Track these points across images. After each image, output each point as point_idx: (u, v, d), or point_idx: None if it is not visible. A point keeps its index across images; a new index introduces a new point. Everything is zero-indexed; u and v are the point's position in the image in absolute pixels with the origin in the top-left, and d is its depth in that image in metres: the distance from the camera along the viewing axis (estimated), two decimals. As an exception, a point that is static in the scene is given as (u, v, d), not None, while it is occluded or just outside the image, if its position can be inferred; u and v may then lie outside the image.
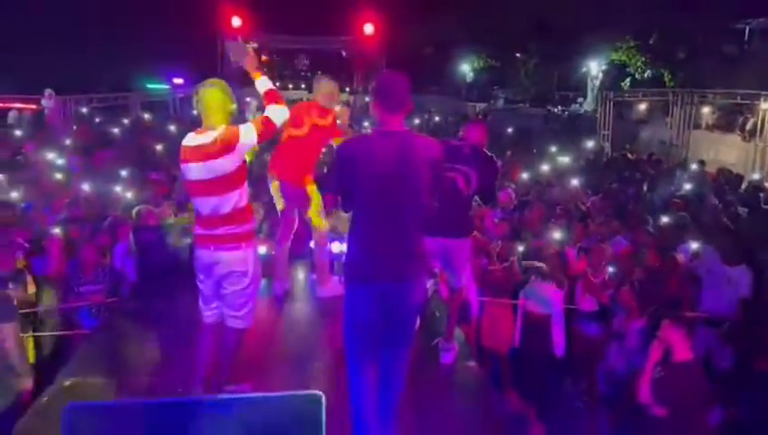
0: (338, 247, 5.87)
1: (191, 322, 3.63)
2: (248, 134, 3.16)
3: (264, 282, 5.16)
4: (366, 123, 17.26)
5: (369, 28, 16.72)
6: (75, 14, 21.34)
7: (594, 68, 24.63)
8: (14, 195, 7.25)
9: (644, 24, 22.38)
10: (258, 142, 3.24)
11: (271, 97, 3.33)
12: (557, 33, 25.57)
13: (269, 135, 3.28)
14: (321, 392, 1.31)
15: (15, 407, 3.75)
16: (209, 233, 3.23)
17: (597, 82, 24.33)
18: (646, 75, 23.51)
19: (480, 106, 24.84)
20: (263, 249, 5.50)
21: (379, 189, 2.68)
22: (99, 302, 5.22)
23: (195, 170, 3.17)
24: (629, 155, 14.62)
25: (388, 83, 2.80)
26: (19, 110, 14.14)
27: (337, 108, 4.80)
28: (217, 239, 3.22)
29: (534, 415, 4.68)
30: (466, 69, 30.41)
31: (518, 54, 28.77)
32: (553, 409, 4.86)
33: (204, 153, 3.13)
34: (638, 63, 23.61)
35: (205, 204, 3.22)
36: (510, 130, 18.15)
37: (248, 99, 18.29)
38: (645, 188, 10.25)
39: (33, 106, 14.05)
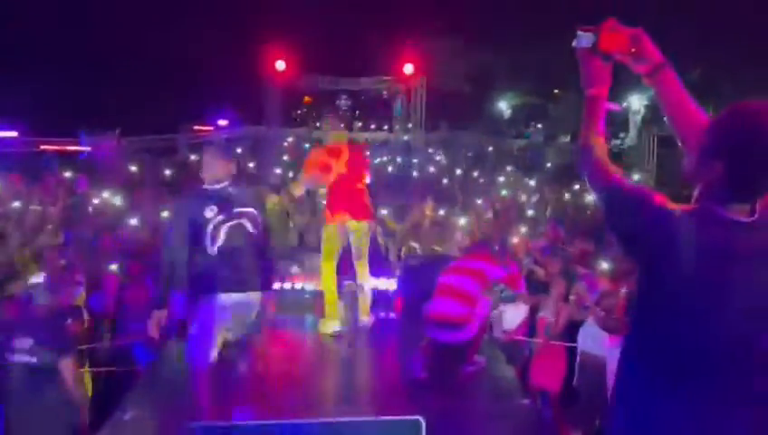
0: (383, 284, 5.92)
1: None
2: None
3: (311, 319, 5.26)
4: (399, 159, 17.37)
5: (409, 68, 17.03)
6: (130, 60, 22.34)
7: (635, 102, 24.38)
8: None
9: (687, 59, 22.10)
10: None
11: None
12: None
13: None
14: (420, 418, 1.30)
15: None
16: None
17: (639, 117, 24.04)
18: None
19: (518, 142, 24.82)
20: (311, 285, 5.58)
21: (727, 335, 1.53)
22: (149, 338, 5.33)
23: None
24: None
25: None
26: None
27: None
28: None
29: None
30: (503, 106, 30.52)
31: (556, 90, 28.77)
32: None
33: None
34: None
35: None
36: (549, 165, 18.09)
37: (290, 139, 18.72)
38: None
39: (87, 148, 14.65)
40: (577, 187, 14.41)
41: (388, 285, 5.86)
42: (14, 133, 15.32)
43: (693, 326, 1.53)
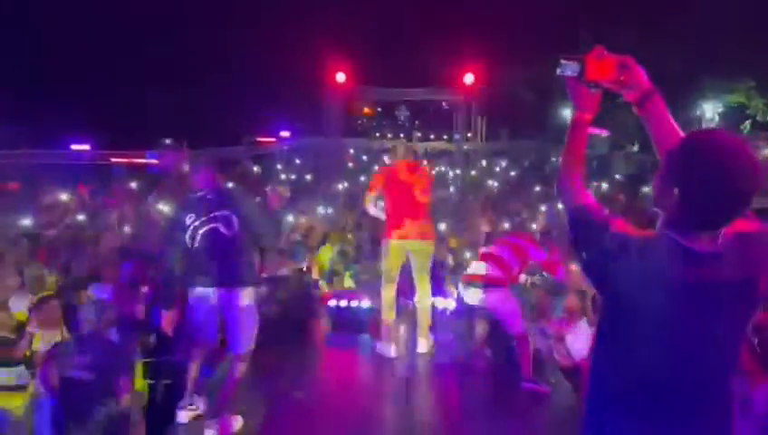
0: (442, 303, 5.73)
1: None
2: None
3: (367, 341, 5.13)
4: (458, 171, 17.16)
5: (469, 78, 16.81)
6: (196, 75, 23.06)
7: (709, 111, 23.19)
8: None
9: (763, 64, 20.89)
10: None
11: None
12: (666, 75, 24.44)
13: None
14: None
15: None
16: None
17: (713, 126, 22.86)
18: (768, 118, 21.81)
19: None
20: (367, 304, 5.45)
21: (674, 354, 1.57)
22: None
23: None
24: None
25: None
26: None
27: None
28: None
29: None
30: (567, 114, 29.72)
31: (621, 98, 27.66)
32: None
33: None
34: (759, 105, 21.97)
35: None
36: (618, 176, 17.39)
37: (351, 150, 18.82)
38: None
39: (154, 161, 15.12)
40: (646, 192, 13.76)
41: (447, 304, 5.67)
42: (86, 147, 16.00)
43: (646, 352, 1.56)
